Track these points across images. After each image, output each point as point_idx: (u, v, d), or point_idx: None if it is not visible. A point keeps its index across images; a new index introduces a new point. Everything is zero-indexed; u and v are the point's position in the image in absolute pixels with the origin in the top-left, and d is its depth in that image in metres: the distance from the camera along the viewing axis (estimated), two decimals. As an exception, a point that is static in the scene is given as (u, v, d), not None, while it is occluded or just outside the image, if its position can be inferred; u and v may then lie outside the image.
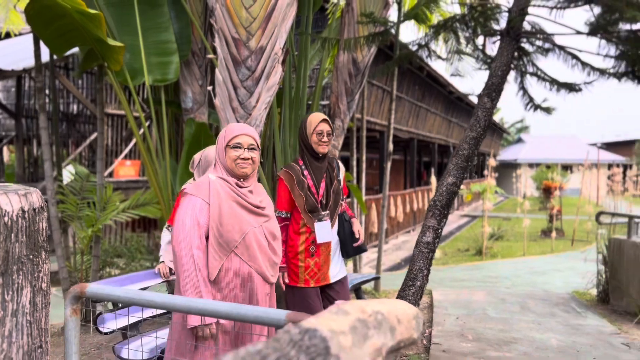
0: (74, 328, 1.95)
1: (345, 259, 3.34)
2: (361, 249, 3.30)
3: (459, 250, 12.35)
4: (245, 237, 2.30)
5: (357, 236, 3.25)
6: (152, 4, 4.61)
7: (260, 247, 2.36)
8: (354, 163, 7.70)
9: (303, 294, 3.12)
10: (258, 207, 2.41)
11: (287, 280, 3.16)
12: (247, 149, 2.38)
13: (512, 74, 5.08)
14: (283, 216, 3.15)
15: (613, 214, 6.27)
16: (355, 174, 7.69)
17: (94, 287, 1.92)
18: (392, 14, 9.99)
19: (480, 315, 5.29)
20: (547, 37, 4.51)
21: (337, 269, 3.24)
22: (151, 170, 4.79)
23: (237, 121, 3.95)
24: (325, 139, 3.12)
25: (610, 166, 29.83)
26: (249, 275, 2.32)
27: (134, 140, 11.73)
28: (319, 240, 3.11)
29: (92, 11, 3.42)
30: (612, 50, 3.97)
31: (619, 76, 4.35)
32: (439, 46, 5.92)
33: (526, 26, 4.58)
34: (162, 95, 4.86)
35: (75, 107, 13.30)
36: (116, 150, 12.53)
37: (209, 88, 4.17)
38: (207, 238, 2.27)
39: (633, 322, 5.09)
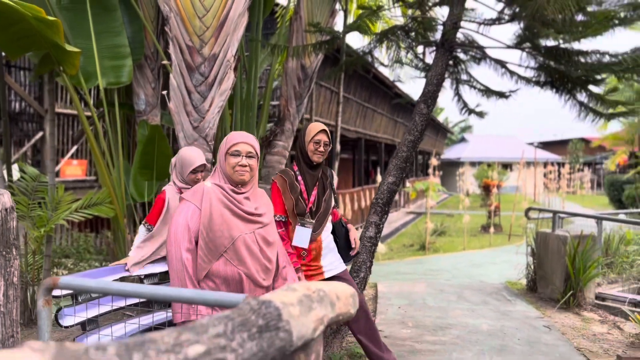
0: (46, 317, 2.13)
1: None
2: (354, 256, 3.43)
3: (404, 246, 12.88)
4: (235, 242, 2.39)
5: (353, 245, 3.37)
6: (106, 8, 4.73)
7: (250, 253, 2.44)
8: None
9: None
10: (252, 214, 2.47)
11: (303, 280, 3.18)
12: (246, 156, 2.44)
13: (449, 81, 5.52)
14: (282, 220, 3.21)
15: (540, 210, 6.83)
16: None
17: (66, 279, 2.10)
18: (339, 21, 10.33)
19: (420, 304, 5.69)
20: (479, 48, 4.94)
21: (335, 264, 3.30)
22: (104, 171, 4.90)
23: (191, 124, 4.15)
24: (321, 148, 3.17)
25: (545, 164, 31.48)
26: (239, 278, 2.41)
27: (81, 140, 11.57)
28: (293, 243, 3.19)
29: (51, 18, 3.53)
30: (533, 62, 4.42)
31: (541, 85, 4.83)
32: (382, 53, 6.29)
33: (461, 37, 5.00)
34: (115, 97, 4.97)
35: (17, 105, 12.94)
36: (62, 149, 12.30)
37: (164, 92, 4.34)
38: (196, 242, 2.38)
39: (555, 307, 5.62)
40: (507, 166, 34.89)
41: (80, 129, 11.27)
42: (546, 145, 46.78)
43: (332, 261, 3.31)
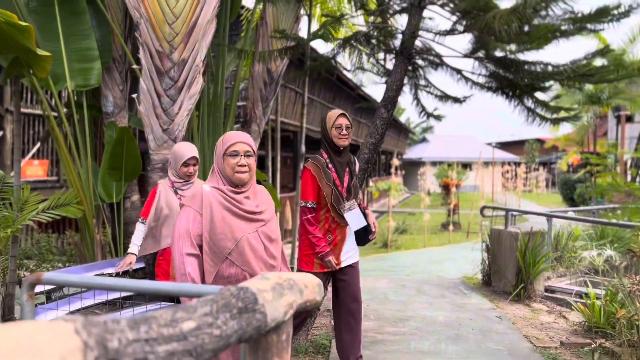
0: (29, 312, 2.26)
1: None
2: (371, 239, 3.56)
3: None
4: (238, 243, 2.41)
5: (373, 229, 3.47)
6: (74, 12, 4.80)
7: (254, 252, 2.46)
8: (269, 162, 8.16)
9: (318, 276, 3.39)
10: (253, 213, 2.49)
11: (335, 261, 3.37)
12: (244, 155, 2.44)
13: (408, 86, 5.79)
14: (309, 206, 3.30)
15: (494, 208, 7.21)
16: (270, 173, 8.15)
17: (50, 275, 2.24)
18: (304, 25, 10.52)
19: (382, 299, 5.96)
20: (436, 56, 5.23)
21: (349, 254, 3.44)
22: (73, 171, 4.96)
23: (161, 127, 4.28)
24: (344, 132, 3.28)
25: (503, 164, 32.48)
26: (244, 279, 2.40)
27: (46, 140, 11.41)
28: (354, 228, 3.32)
29: (23, 23, 3.60)
30: (484, 71, 4.73)
31: (493, 90, 5.15)
32: (345, 58, 6.53)
33: (420, 45, 5.27)
34: (83, 99, 5.04)
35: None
36: (23, 149, 12.09)
37: (134, 96, 4.45)
38: (201, 246, 2.40)
39: (507, 299, 5.98)
40: (466, 166, 35.83)
41: (46, 130, 11.13)
42: (504, 146, 48.16)
43: (347, 251, 3.44)
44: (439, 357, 4.07)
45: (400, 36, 5.10)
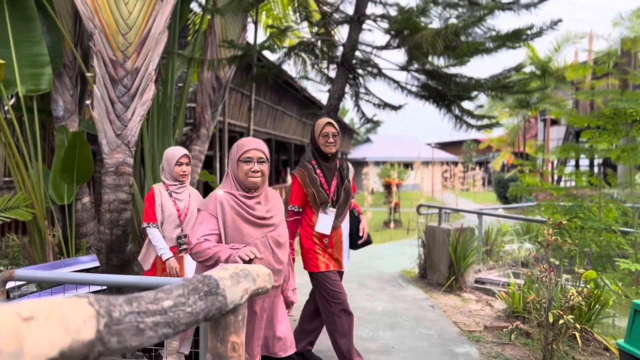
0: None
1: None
2: (367, 242, 3.66)
3: (313, 242, 13.55)
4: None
5: (360, 233, 3.57)
6: (25, 18, 4.89)
7: (261, 257, 2.52)
8: (217, 163, 8.37)
9: (325, 275, 3.43)
10: (263, 219, 2.56)
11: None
12: (257, 162, 2.52)
13: (350, 94, 6.20)
14: (295, 210, 3.41)
15: (429, 206, 7.74)
16: (218, 173, 8.37)
17: (21, 272, 2.45)
18: (251, 31, 10.75)
19: (326, 293, 6.34)
20: (375, 67, 5.66)
21: (346, 259, 3.57)
22: (24, 174, 5.04)
23: (114, 132, 4.47)
24: (331, 139, 3.37)
25: (442, 163, 33.75)
26: None
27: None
28: (316, 229, 3.38)
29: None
30: (417, 82, 5.19)
31: (425, 99, 5.64)
32: (291, 65, 6.86)
33: (360, 55, 5.68)
34: (34, 103, 5.13)
35: None
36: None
37: (87, 102, 4.61)
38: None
39: (440, 290, 6.50)
40: (408, 165, 36.95)
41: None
42: (443, 146, 49.85)
43: (346, 258, 3.56)
44: (377, 342, 4.48)
45: (341, 48, 5.50)
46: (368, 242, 3.69)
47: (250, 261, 2.35)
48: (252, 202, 2.56)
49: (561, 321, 3.78)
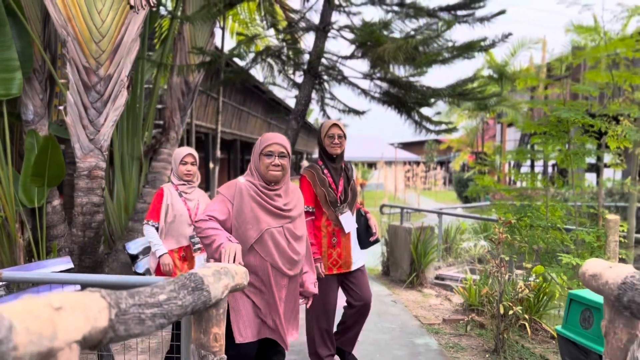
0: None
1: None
2: (376, 241, 3.68)
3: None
4: (262, 235, 2.60)
5: (373, 230, 3.63)
6: (-5, 24, 4.93)
7: (277, 245, 2.63)
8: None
9: (323, 281, 3.44)
10: (281, 210, 2.65)
11: (323, 270, 3.42)
12: (278, 156, 2.61)
13: (316, 99, 6.44)
14: (309, 210, 3.43)
15: (391, 206, 8.07)
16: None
17: (9, 272, 2.59)
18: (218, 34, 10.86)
19: (293, 291, 6.57)
20: (339, 73, 5.92)
21: (357, 258, 3.57)
22: (-7, 179, 5.08)
23: (87, 137, 4.58)
24: (336, 141, 3.41)
25: (405, 163, 34.42)
26: (266, 267, 2.62)
27: None
28: (346, 230, 3.43)
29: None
30: (379, 89, 5.48)
31: (387, 105, 5.94)
32: (258, 69, 7.05)
33: (326, 62, 5.93)
34: (3, 107, 5.17)
35: None
36: None
37: (61, 107, 4.70)
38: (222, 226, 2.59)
39: (402, 286, 6.83)
40: (371, 165, 37.49)
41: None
42: (406, 146, 50.69)
43: (357, 257, 3.58)
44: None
45: (308, 56, 5.74)
46: (377, 240, 3.72)
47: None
48: (272, 194, 2.65)
49: (511, 312, 4.13)
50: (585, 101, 4.95)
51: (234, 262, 2.40)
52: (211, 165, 15.30)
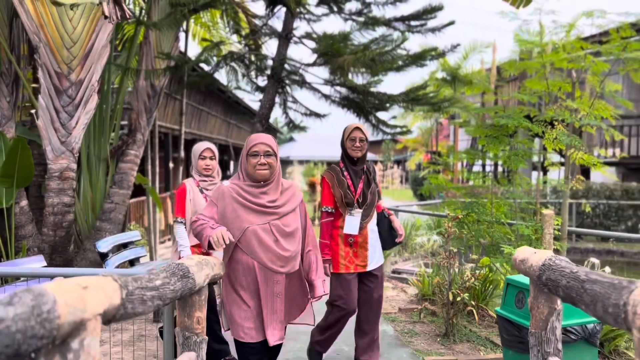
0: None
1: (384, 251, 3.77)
2: (399, 243, 3.70)
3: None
4: (245, 233, 2.68)
5: (400, 232, 3.63)
6: (-38, 28, 5.01)
7: (261, 243, 2.69)
8: (149, 164, 8.61)
9: (342, 278, 3.51)
10: (265, 206, 2.71)
11: (331, 270, 3.49)
12: (264, 155, 2.68)
13: (279, 102, 6.73)
14: (328, 211, 3.50)
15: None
16: (150, 175, 8.60)
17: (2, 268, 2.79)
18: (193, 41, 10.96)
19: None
20: (301, 78, 6.23)
21: (376, 259, 3.61)
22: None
23: (59, 139, 4.74)
24: (357, 144, 3.46)
25: (363, 163, 34.97)
26: (252, 265, 2.70)
27: None
28: (345, 231, 3.45)
29: None
30: (339, 94, 5.83)
31: (347, 108, 6.29)
32: (222, 73, 7.27)
33: (288, 68, 6.22)
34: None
35: None
36: None
37: (32, 111, 4.82)
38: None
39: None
40: (330, 164, 37.92)
41: None
42: (365, 145, 51.22)
43: (375, 257, 3.62)
44: (307, 327, 5.07)
45: (271, 62, 6.02)
46: (400, 241, 3.73)
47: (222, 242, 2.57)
48: (257, 192, 2.73)
49: (459, 299, 4.55)
50: (524, 107, 5.44)
51: (225, 243, 2.54)
52: (171, 165, 15.35)
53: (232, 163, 29.50)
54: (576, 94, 4.77)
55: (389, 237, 3.67)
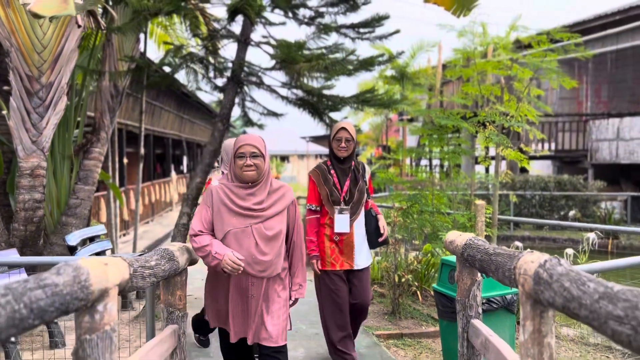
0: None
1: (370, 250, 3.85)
2: (385, 242, 3.78)
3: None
4: (226, 236, 2.73)
5: (382, 231, 3.68)
6: None
7: (240, 246, 2.72)
8: (109, 161, 8.80)
9: (329, 275, 3.60)
10: (250, 210, 2.72)
11: (319, 267, 3.58)
12: (250, 156, 2.68)
13: (238, 102, 7.09)
14: (312, 209, 3.55)
15: (299, 197, 8.93)
16: (110, 170, 8.80)
17: (-5, 259, 3.10)
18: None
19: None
20: (261, 81, 6.62)
21: (363, 258, 3.67)
22: None
23: (30, 139, 4.99)
24: (343, 144, 3.48)
25: (316, 156, 35.60)
26: None
27: None
28: (336, 230, 3.48)
29: None
30: (295, 96, 6.28)
31: (303, 108, 6.74)
32: (182, 74, 7.56)
33: (248, 70, 6.59)
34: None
35: None
36: None
37: (4, 112, 5.03)
38: (211, 230, 2.81)
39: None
40: (284, 158, 38.32)
41: None
42: (317, 139, 51.92)
43: (363, 258, 3.69)
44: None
45: (231, 64, 6.38)
46: (386, 241, 3.79)
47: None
48: (243, 193, 2.74)
49: (403, 279, 5.13)
50: (462, 110, 6.06)
51: (238, 265, 2.67)
52: (125, 160, 15.39)
53: (185, 158, 29.43)
54: (505, 98, 5.41)
55: (374, 237, 3.69)
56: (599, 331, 1.43)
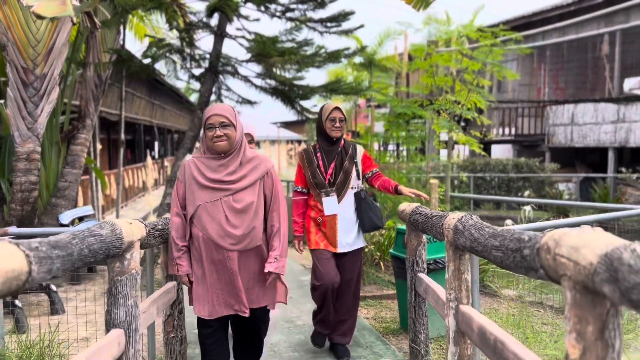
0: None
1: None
2: (378, 227, 3.72)
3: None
4: (197, 210, 2.69)
5: (410, 194, 3.60)
6: None
7: (212, 219, 2.67)
8: (91, 147, 9.20)
9: (318, 253, 3.60)
10: (219, 182, 2.67)
11: (302, 247, 3.64)
12: (219, 127, 2.60)
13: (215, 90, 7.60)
14: (299, 190, 3.56)
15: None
16: (92, 155, 9.20)
17: (15, 229, 3.59)
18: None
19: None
20: (236, 71, 7.15)
21: (351, 240, 3.62)
22: None
23: (26, 126, 5.43)
24: (337, 124, 3.44)
25: (287, 142, 36.08)
26: (204, 240, 2.71)
27: None
28: (326, 213, 3.47)
29: None
30: (269, 86, 6.84)
31: (276, 97, 7.30)
32: (162, 64, 8.00)
33: (224, 60, 7.11)
34: None
35: None
36: None
37: (1, 101, 5.44)
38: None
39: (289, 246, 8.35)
40: (257, 144, 38.67)
41: None
42: (288, 125, 52.31)
43: (348, 241, 3.61)
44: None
45: (208, 56, 6.89)
46: (379, 226, 3.72)
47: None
48: (215, 164, 2.69)
49: (367, 250, 5.79)
50: (419, 99, 6.73)
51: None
52: (99, 146, 15.64)
53: (156, 143, 29.56)
54: (456, 88, 6.09)
55: (368, 221, 3.63)
56: (485, 256, 2.09)
